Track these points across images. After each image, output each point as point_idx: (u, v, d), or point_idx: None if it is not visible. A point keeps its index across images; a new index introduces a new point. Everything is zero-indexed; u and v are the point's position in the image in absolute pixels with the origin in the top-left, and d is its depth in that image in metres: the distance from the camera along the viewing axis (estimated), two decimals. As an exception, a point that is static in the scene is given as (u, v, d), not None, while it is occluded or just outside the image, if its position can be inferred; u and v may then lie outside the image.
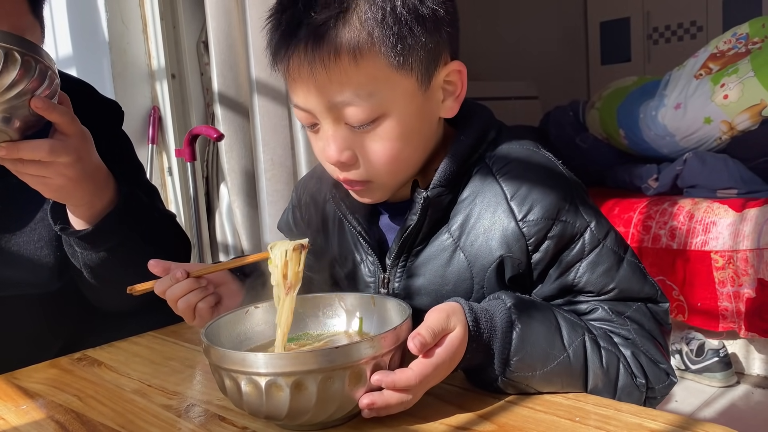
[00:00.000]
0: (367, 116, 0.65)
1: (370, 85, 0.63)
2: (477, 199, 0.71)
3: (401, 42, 0.63)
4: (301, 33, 0.63)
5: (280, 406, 0.56)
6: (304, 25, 0.63)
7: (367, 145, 0.67)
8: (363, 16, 0.62)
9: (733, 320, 1.98)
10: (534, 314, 0.65)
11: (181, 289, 0.74)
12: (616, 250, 0.70)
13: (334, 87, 0.63)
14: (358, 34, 0.62)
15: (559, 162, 0.75)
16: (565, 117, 2.88)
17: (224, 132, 1.97)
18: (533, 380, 0.63)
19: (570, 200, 0.69)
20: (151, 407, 0.68)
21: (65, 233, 0.88)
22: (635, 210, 2.23)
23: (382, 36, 0.62)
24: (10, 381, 0.79)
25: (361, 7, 0.62)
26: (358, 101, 0.64)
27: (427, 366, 0.58)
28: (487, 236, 0.70)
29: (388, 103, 0.65)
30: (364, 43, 0.62)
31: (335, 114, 0.66)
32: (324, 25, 0.62)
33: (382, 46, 0.62)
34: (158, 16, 2.12)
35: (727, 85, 2.25)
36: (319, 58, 0.62)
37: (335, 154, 0.67)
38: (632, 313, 0.70)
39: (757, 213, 1.97)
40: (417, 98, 0.67)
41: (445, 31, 0.67)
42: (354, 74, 0.63)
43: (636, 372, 0.67)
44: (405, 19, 0.62)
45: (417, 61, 0.65)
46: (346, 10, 0.62)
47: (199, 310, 0.75)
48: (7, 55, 0.68)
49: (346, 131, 0.67)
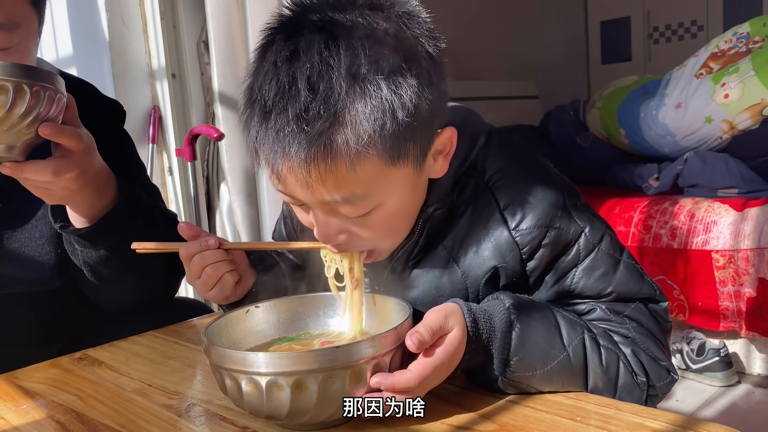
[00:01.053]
0: (362, 211, 0.62)
1: (367, 186, 0.60)
2: (469, 209, 0.71)
3: (398, 143, 0.59)
4: (294, 144, 0.57)
5: (281, 406, 0.56)
6: (298, 136, 0.57)
7: (362, 230, 0.65)
8: (360, 124, 0.57)
9: (734, 320, 1.98)
10: (533, 314, 0.65)
11: (213, 257, 0.74)
12: (611, 254, 0.70)
13: (327, 190, 0.59)
14: (355, 141, 0.57)
15: (551, 165, 0.75)
16: (565, 116, 2.87)
17: (225, 131, 1.96)
18: (533, 380, 0.63)
19: (562, 206, 0.69)
20: (152, 407, 0.68)
21: (65, 231, 0.88)
22: (636, 209, 2.23)
23: (380, 140, 0.57)
24: (11, 381, 0.79)
25: (358, 113, 0.56)
26: (353, 200, 0.60)
27: (426, 367, 0.58)
28: (480, 246, 0.70)
29: (384, 194, 0.62)
30: (361, 149, 0.57)
31: (328, 207, 0.62)
32: (319, 137, 0.56)
33: (379, 149, 0.58)
34: (158, 16, 2.12)
35: (727, 85, 2.24)
36: (314, 166, 0.57)
37: (328, 239, 0.65)
38: (631, 312, 0.70)
39: (757, 212, 1.97)
40: (411, 179, 0.64)
41: (438, 110, 0.63)
42: (350, 179, 0.58)
43: (636, 370, 0.67)
44: (403, 121, 0.58)
45: (413, 150, 0.61)
46: (342, 118, 0.56)
47: (224, 282, 0.75)
48: (16, 89, 0.67)
49: (340, 217, 0.63)
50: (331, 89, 0.56)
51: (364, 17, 0.59)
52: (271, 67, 0.59)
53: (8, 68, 0.67)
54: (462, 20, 3.41)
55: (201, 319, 1.01)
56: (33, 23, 0.86)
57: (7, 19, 0.80)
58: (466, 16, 3.46)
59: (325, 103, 0.56)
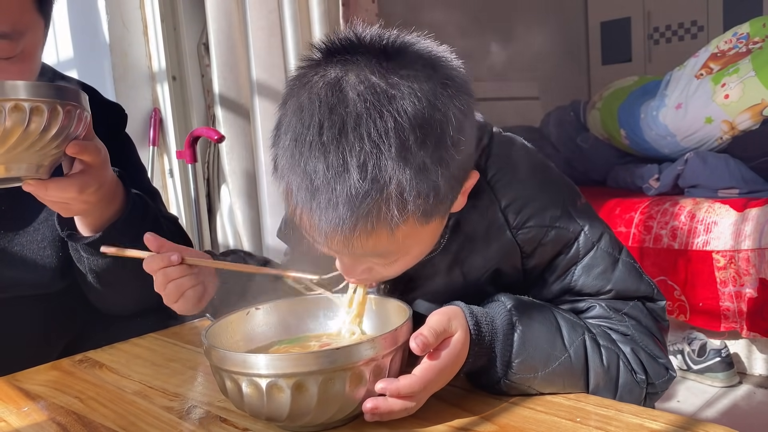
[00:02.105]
0: (389, 262, 0.64)
1: (401, 243, 0.60)
2: (471, 208, 0.71)
3: (436, 207, 0.59)
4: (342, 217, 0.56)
5: (281, 408, 0.56)
6: (346, 212, 0.56)
7: (385, 269, 0.66)
8: (404, 198, 0.56)
9: (735, 320, 1.97)
10: (534, 315, 0.65)
11: (175, 273, 0.73)
12: (610, 252, 0.70)
13: (366, 250, 0.60)
14: (398, 215, 0.57)
15: (551, 164, 0.75)
16: (565, 117, 2.87)
17: (225, 134, 1.97)
18: (535, 381, 0.63)
19: (563, 205, 0.70)
20: (153, 409, 0.68)
21: (72, 239, 0.88)
22: (636, 210, 2.23)
23: (418, 208, 0.57)
24: (12, 383, 0.79)
25: (402, 188, 0.56)
26: (386, 255, 0.62)
27: (431, 371, 0.58)
28: (481, 246, 0.70)
29: (414, 246, 0.64)
30: (402, 218, 0.57)
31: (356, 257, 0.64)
32: (367, 215, 0.56)
33: (419, 216, 0.58)
34: (159, 18, 2.12)
35: (728, 85, 2.24)
36: (357, 236, 0.57)
37: (351, 276, 0.67)
38: (629, 310, 0.70)
39: (758, 213, 1.97)
40: (439, 227, 0.65)
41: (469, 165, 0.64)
42: (387, 240, 0.59)
43: (636, 368, 0.67)
44: (444, 189, 0.58)
45: (445, 208, 0.62)
46: (388, 193, 0.56)
47: (187, 297, 0.74)
48: (51, 110, 0.67)
49: (365, 261, 0.65)
50: (380, 171, 0.55)
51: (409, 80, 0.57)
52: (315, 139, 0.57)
53: (43, 89, 0.66)
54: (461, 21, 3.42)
55: (201, 321, 1.01)
56: (39, 29, 0.86)
57: (13, 29, 0.79)
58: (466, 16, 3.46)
59: (374, 183, 0.55)
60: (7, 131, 0.64)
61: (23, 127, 0.65)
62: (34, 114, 0.65)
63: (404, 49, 0.60)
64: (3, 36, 0.78)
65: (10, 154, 0.67)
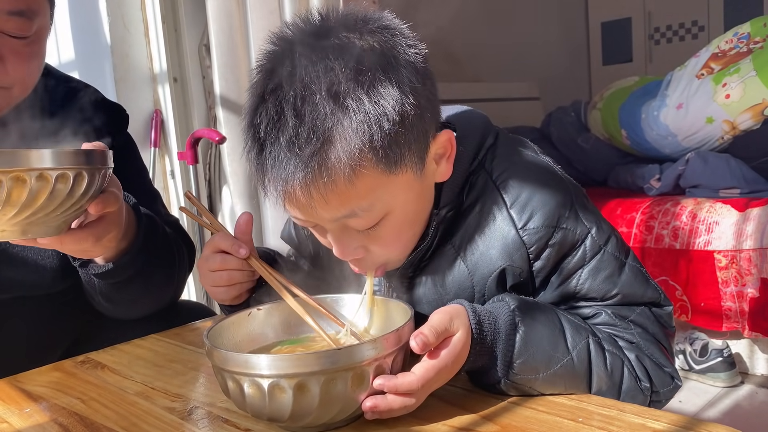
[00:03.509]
0: (371, 223, 0.64)
1: (369, 196, 0.61)
2: (477, 208, 0.71)
3: (391, 151, 0.60)
4: (290, 169, 0.59)
5: (283, 408, 0.56)
6: (293, 162, 0.59)
7: (373, 242, 0.66)
8: (349, 140, 0.58)
9: (737, 320, 1.97)
10: (538, 316, 0.65)
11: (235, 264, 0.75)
12: (617, 256, 0.70)
13: (332, 208, 0.61)
14: (348, 158, 0.58)
15: (557, 166, 0.75)
16: (566, 118, 2.88)
17: (226, 135, 1.97)
18: (536, 383, 0.63)
19: (570, 206, 0.69)
20: (155, 410, 0.68)
21: (84, 269, 0.87)
22: (638, 210, 2.23)
23: (372, 152, 0.59)
24: (14, 384, 0.79)
25: (344, 130, 0.58)
26: (360, 213, 0.62)
27: (430, 370, 0.58)
28: (487, 245, 0.70)
29: (389, 203, 0.63)
30: (355, 164, 0.59)
31: (339, 224, 0.64)
32: (312, 158, 0.58)
33: (374, 160, 0.59)
34: (160, 20, 2.12)
35: (728, 85, 2.24)
36: (314, 188, 0.59)
37: (344, 255, 0.67)
38: (636, 317, 0.69)
39: (759, 212, 1.97)
40: (414, 185, 0.65)
41: (428, 113, 0.64)
42: (351, 193, 0.60)
43: (640, 376, 0.67)
44: (391, 129, 0.59)
45: (410, 157, 0.62)
46: (331, 137, 0.58)
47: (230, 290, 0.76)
48: (76, 176, 0.63)
49: (352, 232, 0.65)
50: (315, 112, 0.58)
51: (340, 39, 0.61)
52: (260, 101, 0.61)
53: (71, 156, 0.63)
54: (462, 22, 3.42)
55: (203, 322, 1.02)
56: (47, 14, 0.87)
57: (28, 7, 0.80)
58: (467, 17, 3.46)
59: (313, 126, 0.58)
60: (30, 199, 0.60)
61: (46, 195, 0.61)
62: (59, 182, 0.61)
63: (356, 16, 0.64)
64: (20, 13, 0.79)
65: (29, 220, 0.63)
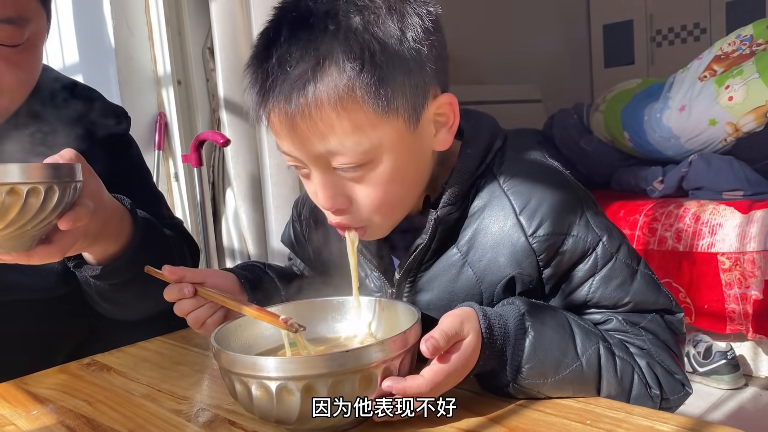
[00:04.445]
0: (356, 163, 0.62)
1: (356, 133, 0.61)
2: (485, 213, 0.70)
3: (383, 88, 0.59)
4: (277, 88, 0.60)
5: (291, 411, 0.56)
6: (280, 80, 0.60)
7: (358, 191, 0.65)
8: (340, 67, 0.58)
9: (741, 322, 1.97)
10: (547, 321, 0.64)
11: (190, 305, 0.74)
12: (629, 263, 0.69)
13: (317, 138, 0.61)
14: (336, 86, 0.58)
15: (567, 172, 0.74)
16: (569, 120, 2.88)
17: (230, 137, 1.97)
18: (544, 387, 0.63)
19: (580, 214, 0.68)
20: (161, 412, 0.69)
21: (79, 270, 0.87)
22: (641, 212, 2.23)
23: (363, 85, 0.59)
24: (20, 386, 0.79)
25: (337, 57, 0.58)
26: (345, 149, 0.61)
27: (439, 373, 0.58)
28: (495, 251, 0.69)
29: (377, 147, 0.62)
30: (344, 94, 0.59)
31: (323, 162, 0.63)
32: (300, 79, 0.59)
33: (364, 95, 0.59)
34: (164, 23, 2.13)
35: (731, 87, 2.24)
36: (299, 112, 0.59)
37: (328, 201, 0.65)
38: (647, 324, 0.69)
39: (763, 214, 1.97)
40: (406, 139, 0.64)
41: (429, 67, 0.64)
42: (337, 125, 0.60)
43: (651, 383, 0.66)
44: (385, 65, 0.59)
45: (402, 102, 0.62)
46: (323, 62, 0.59)
47: (206, 326, 0.75)
48: (47, 191, 0.63)
49: (337, 177, 0.64)
50: (311, 34, 0.59)
51: None
52: (263, 29, 0.64)
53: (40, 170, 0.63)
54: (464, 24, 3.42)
55: (208, 325, 1.02)
56: (42, 20, 0.86)
57: (18, 14, 0.79)
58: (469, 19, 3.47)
59: (305, 47, 0.59)
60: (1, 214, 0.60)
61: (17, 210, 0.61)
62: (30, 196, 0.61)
63: None
64: (9, 21, 0.78)
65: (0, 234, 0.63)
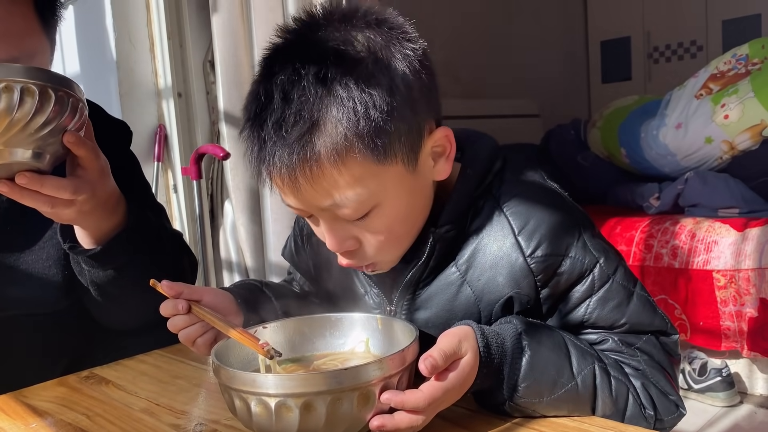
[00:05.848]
0: (360, 213, 0.64)
1: (356, 185, 0.62)
2: (484, 233, 0.71)
3: (379, 138, 0.61)
4: (276, 154, 0.61)
5: (290, 427, 0.56)
6: (279, 145, 0.61)
7: (365, 234, 0.67)
8: (336, 126, 0.60)
9: (736, 340, 1.98)
10: (544, 341, 0.65)
11: (182, 322, 0.74)
12: (625, 285, 0.69)
13: (321, 195, 0.63)
14: (334, 143, 0.60)
15: (565, 194, 0.75)
16: (566, 135, 2.90)
17: (229, 150, 1.98)
18: (540, 406, 0.63)
19: (578, 235, 0.69)
20: (160, 426, 0.69)
21: (74, 252, 0.89)
22: (637, 229, 2.24)
23: (359, 139, 0.60)
24: (19, 399, 0.79)
25: (331, 115, 0.60)
26: (348, 202, 0.63)
27: (437, 389, 0.58)
28: (494, 271, 0.70)
29: (378, 194, 0.64)
30: (342, 151, 0.60)
31: (329, 213, 0.65)
32: (298, 142, 0.60)
33: (361, 148, 0.60)
34: (165, 36, 2.14)
35: (727, 106, 2.27)
36: (300, 173, 0.61)
37: (336, 245, 0.67)
38: (642, 345, 0.70)
39: (758, 232, 1.98)
40: (407, 180, 0.66)
41: (422, 107, 0.65)
42: (338, 180, 0.61)
43: (645, 403, 0.67)
44: (379, 118, 0.60)
45: (400, 147, 0.63)
46: (317, 122, 0.60)
47: (197, 345, 0.75)
48: (42, 93, 0.67)
49: (343, 222, 0.66)
50: (303, 96, 0.60)
51: (337, 29, 0.63)
52: (255, 86, 0.65)
53: (33, 72, 0.67)
54: (464, 39, 3.45)
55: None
56: (47, 53, 0.88)
57: (22, 52, 0.81)
58: (467, 35, 3.49)
59: (300, 110, 0.60)
60: None
61: (14, 108, 0.65)
62: (25, 95, 0.66)
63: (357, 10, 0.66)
64: (14, 60, 0.80)
65: (4, 137, 0.67)
